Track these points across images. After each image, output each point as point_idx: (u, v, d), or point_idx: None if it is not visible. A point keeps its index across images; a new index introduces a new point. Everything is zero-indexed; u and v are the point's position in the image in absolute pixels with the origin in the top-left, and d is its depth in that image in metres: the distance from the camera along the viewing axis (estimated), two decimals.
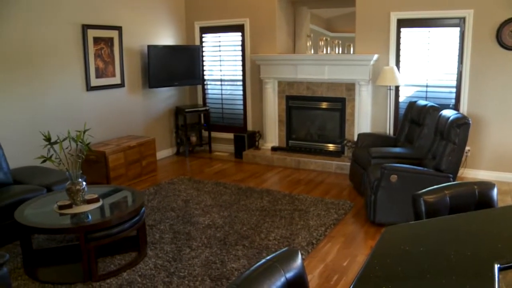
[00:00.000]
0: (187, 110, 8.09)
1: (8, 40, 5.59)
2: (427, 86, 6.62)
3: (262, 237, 4.69)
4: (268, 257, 1.71)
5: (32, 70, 5.89)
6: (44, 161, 4.08)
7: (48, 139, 4.15)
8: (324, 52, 7.36)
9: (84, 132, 4.30)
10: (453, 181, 4.69)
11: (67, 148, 4.45)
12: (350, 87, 7.05)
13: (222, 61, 8.42)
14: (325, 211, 5.36)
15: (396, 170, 4.76)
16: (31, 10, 5.82)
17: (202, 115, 8.60)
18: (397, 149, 5.68)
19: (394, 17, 6.58)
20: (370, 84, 6.88)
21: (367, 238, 4.70)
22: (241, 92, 8.28)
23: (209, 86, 8.67)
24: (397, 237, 2.18)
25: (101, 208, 4.26)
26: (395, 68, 6.47)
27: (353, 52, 7.09)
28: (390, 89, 6.74)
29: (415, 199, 2.58)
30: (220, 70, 8.46)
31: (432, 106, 5.71)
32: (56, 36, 6.14)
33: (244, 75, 8.13)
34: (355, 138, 6.79)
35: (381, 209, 4.84)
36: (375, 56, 6.68)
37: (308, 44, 7.53)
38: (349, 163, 6.59)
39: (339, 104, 7.22)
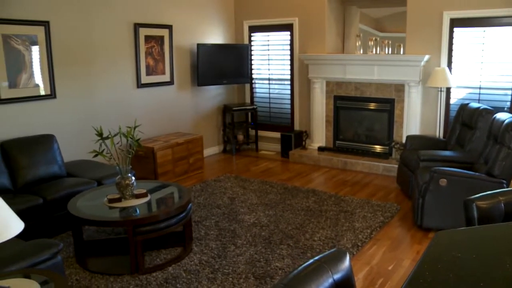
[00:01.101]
0: (234, 108, 8.15)
1: (69, 36, 5.81)
2: (480, 88, 6.41)
3: (307, 237, 4.67)
4: (316, 257, 1.71)
5: (87, 67, 6.08)
6: (96, 155, 4.20)
7: (100, 134, 4.27)
8: (374, 52, 7.26)
9: (135, 128, 4.40)
10: (507, 187, 4.53)
11: (118, 143, 4.57)
12: (400, 88, 6.93)
13: (271, 60, 8.43)
14: (371, 213, 5.29)
15: (445, 174, 4.64)
16: (89, 9, 6.01)
17: (249, 113, 8.64)
18: (447, 152, 5.54)
19: (447, 16, 6.41)
20: (420, 85, 6.74)
21: (413, 243, 4.61)
22: (289, 92, 8.27)
23: (257, 85, 8.70)
24: (448, 242, 2.13)
25: (149, 203, 4.35)
26: (446, 69, 6.30)
27: (403, 53, 6.96)
28: (441, 91, 6.58)
29: (467, 204, 2.51)
30: (268, 69, 8.48)
31: (485, 109, 5.53)
32: (110, 34, 6.32)
33: (292, 74, 8.12)
34: (404, 140, 6.66)
35: (428, 213, 4.73)
36: (426, 57, 6.53)
37: (357, 44, 7.44)
38: (396, 165, 6.48)
39: (388, 105, 7.10)
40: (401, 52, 7.00)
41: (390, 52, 7.17)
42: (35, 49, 5.49)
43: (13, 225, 2.28)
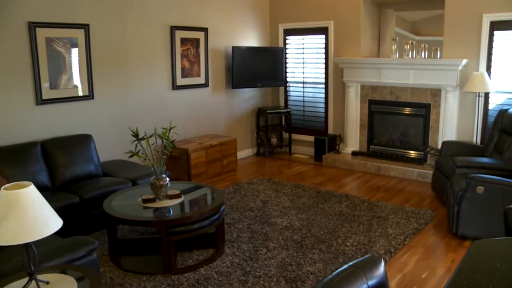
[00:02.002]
0: (268, 111, 8.16)
1: (107, 39, 5.94)
2: None
3: (339, 242, 4.64)
4: (351, 263, 1.70)
5: (124, 68, 6.20)
6: (131, 156, 4.27)
7: (136, 135, 4.34)
8: (410, 56, 7.16)
9: (170, 129, 4.45)
10: None
11: (153, 144, 4.63)
12: (436, 92, 6.82)
13: (305, 63, 8.41)
14: (405, 219, 5.22)
15: (483, 181, 4.54)
16: (127, 12, 6.12)
17: (283, 116, 8.64)
18: (484, 159, 5.41)
19: (486, 19, 6.27)
20: (458, 90, 6.61)
21: (448, 251, 4.52)
22: (323, 95, 8.23)
23: (291, 88, 8.70)
24: (486, 252, 2.08)
25: (183, 204, 4.40)
26: (485, 73, 6.16)
27: (440, 57, 6.84)
28: (479, 96, 6.44)
29: (507, 213, 2.45)
30: (303, 72, 8.46)
31: None
32: (147, 36, 6.42)
33: (326, 78, 8.08)
34: (439, 146, 6.55)
35: (464, 221, 4.63)
36: (464, 61, 6.41)
37: (393, 47, 7.36)
38: (431, 172, 6.37)
39: (423, 110, 7.00)
40: (438, 56, 6.89)
41: (426, 56, 7.06)
42: (75, 51, 5.62)
43: (53, 222, 2.35)
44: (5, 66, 4.99)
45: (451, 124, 6.69)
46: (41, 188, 4.79)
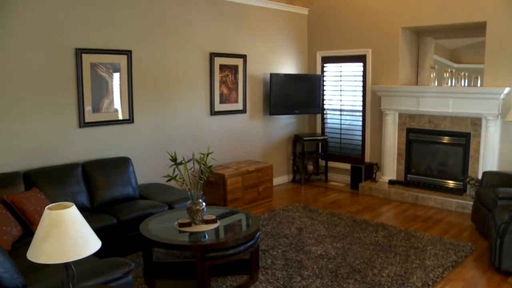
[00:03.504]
0: (305, 138, 8.16)
1: (148, 64, 6.11)
2: None
3: (375, 272, 4.56)
4: None
5: (164, 93, 6.34)
6: (169, 180, 4.33)
7: (174, 159, 4.41)
8: (449, 84, 7.07)
9: (208, 155, 4.50)
10: None
11: (190, 169, 4.69)
12: (476, 121, 6.69)
13: (343, 90, 8.41)
14: (443, 251, 5.09)
15: None
16: (168, 39, 6.29)
17: (320, 144, 8.62)
18: None
19: None
20: (499, 119, 6.47)
21: (490, 286, 4.37)
22: (360, 123, 8.19)
23: (328, 115, 8.69)
24: None
25: (218, 229, 4.41)
26: None
27: (481, 85, 6.73)
28: None
29: None
30: (340, 100, 8.46)
31: None
32: (187, 63, 6.56)
33: (364, 105, 8.05)
34: (480, 176, 6.39)
35: (508, 255, 4.48)
36: (506, 90, 6.28)
37: (431, 75, 7.28)
38: (471, 202, 6.21)
39: (463, 139, 6.87)
40: (479, 84, 6.78)
41: (466, 84, 6.96)
42: (117, 76, 5.79)
43: (92, 243, 2.39)
44: (53, 90, 5.20)
45: (492, 154, 6.53)
46: (80, 209, 4.86)
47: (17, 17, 4.87)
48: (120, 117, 5.88)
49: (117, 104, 5.83)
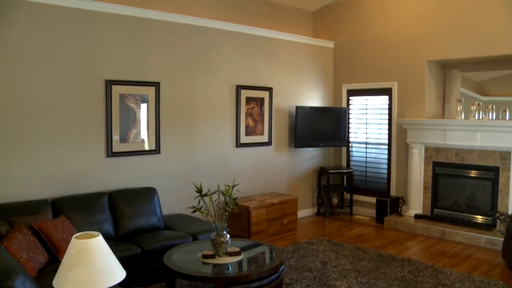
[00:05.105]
0: (330, 171, 8.13)
1: (176, 96, 6.25)
2: None
3: None
4: None
5: (191, 125, 6.44)
6: (194, 211, 4.36)
7: (199, 191, 4.44)
8: (476, 117, 6.99)
9: (233, 187, 4.52)
10: None
11: (215, 200, 4.71)
12: (505, 155, 6.58)
13: (368, 123, 8.39)
14: None
15: None
16: (196, 71, 6.43)
17: (345, 177, 8.56)
18: None
19: None
20: None
21: None
22: (386, 156, 8.13)
23: (353, 148, 8.66)
24: None
25: (242, 261, 4.39)
26: None
27: (510, 118, 6.65)
28: None
29: None
30: (366, 133, 8.43)
31: None
32: (213, 95, 6.67)
33: (390, 138, 8.00)
34: (510, 212, 6.25)
35: None
36: None
37: (458, 108, 7.22)
38: (501, 239, 6.05)
39: (492, 173, 6.75)
40: (507, 117, 6.69)
41: (494, 117, 6.87)
42: (144, 107, 5.91)
43: (117, 272, 2.41)
44: (83, 120, 5.36)
45: None
46: (106, 237, 4.84)
47: (54, 50, 5.09)
48: (147, 147, 5.97)
49: (144, 134, 5.93)
